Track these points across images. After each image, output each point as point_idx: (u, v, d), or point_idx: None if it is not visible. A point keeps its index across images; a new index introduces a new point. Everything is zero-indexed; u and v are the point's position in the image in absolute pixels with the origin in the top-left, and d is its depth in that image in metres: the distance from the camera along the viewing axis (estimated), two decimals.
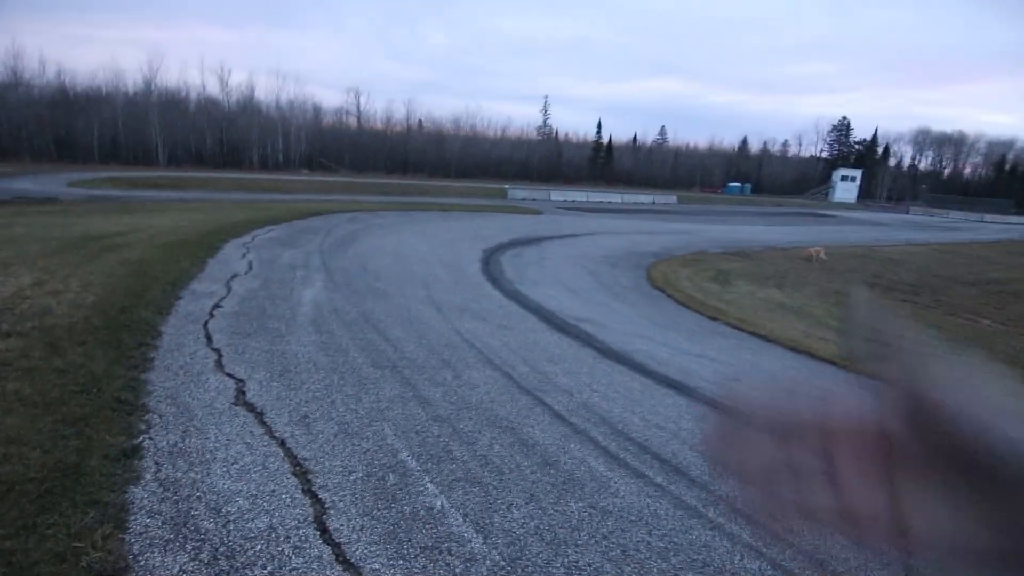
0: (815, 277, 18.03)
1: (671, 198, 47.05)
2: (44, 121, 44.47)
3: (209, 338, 4.75)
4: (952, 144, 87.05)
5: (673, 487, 3.33)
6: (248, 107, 49.95)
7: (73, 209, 18.72)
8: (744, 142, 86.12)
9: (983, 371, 0.30)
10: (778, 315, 12.38)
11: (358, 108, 62.47)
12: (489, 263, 13.13)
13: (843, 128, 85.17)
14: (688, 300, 12.65)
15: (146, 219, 12.94)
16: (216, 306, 5.81)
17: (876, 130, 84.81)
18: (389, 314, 6.62)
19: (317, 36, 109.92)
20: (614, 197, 43.75)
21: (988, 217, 53.79)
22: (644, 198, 45.28)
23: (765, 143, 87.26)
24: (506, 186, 42.77)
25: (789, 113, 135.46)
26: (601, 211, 34.24)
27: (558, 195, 40.85)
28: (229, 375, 4.00)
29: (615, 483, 3.27)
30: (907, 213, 55.04)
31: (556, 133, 78.07)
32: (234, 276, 7.33)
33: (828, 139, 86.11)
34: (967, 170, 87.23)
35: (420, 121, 67.15)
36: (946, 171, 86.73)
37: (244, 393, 3.71)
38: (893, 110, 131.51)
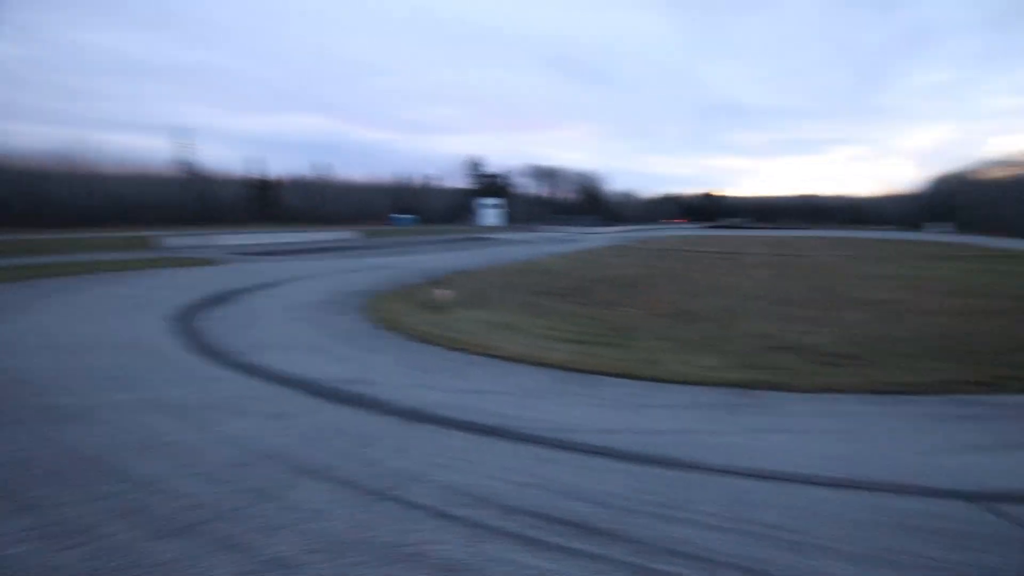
0: (506, 295, 20.43)
1: (351, 233, 46.90)
2: None
3: None
4: (553, 176, 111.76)
5: (616, 552, 3.23)
6: None
7: None
8: (404, 177, 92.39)
9: None
10: (500, 334, 13.51)
11: None
12: (189, 334, 10.54)
13: (476, 164, 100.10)
14: (422, 335, 12.72)
15: None
16: None
17: (502, 165, 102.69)
18: (109, 443, 4.62)
19: None
20: (292, 237, 41.09)
21: (588, 229, 71.01)
22: (324, 235, 43.90)
23: (422, 177, 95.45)
24: (159, 233, 35.42)
25: (434, 151, 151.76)
26: (283, 253, 31.62)
27: (227, 239, 36.01)
28: None
29: (570, 572, 2.97)
30: (539, 231, 68.00)
31: (204, 171, 68.73)
32: None
33: (467, 174, 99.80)
34: (565, 195, 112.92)
35: None
36: (552, 196, 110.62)
37: None
38: (510, 148, 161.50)
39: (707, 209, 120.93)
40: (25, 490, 3.64)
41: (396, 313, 15.46)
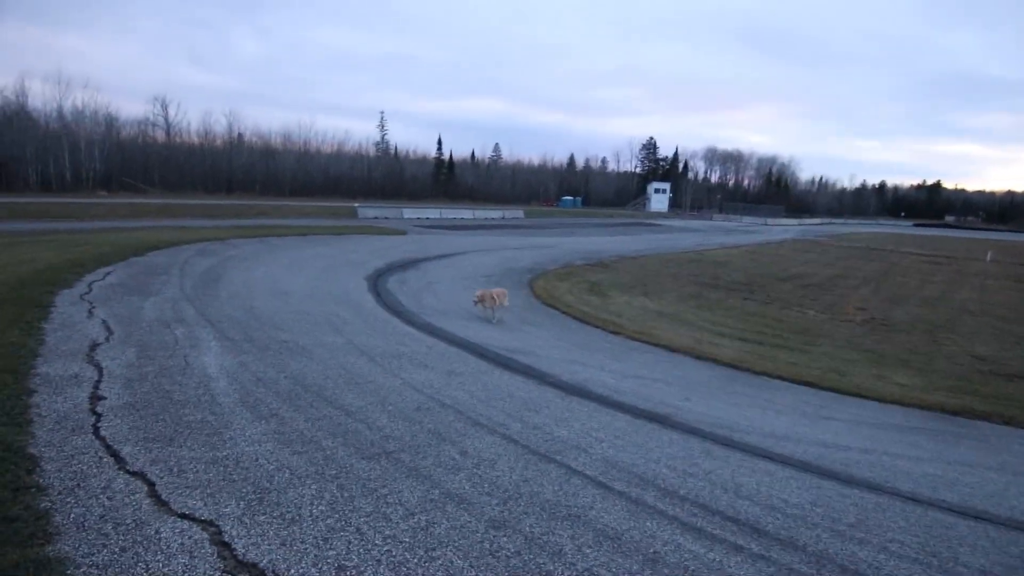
0: (670, 284, 19.71)
1: (518, 212, 48.67)
2: None
3: (116, 455, 3.32)
4: (733, 160, 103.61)
5: (788, 559, 3.05)
6: (19, 116, 40.02)
7: None
8: (571, 159, 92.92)
9: None
10: (663, 323, 13.15)
11: (166, 119, 54.23)
12: (380, 293, 12.00)
13: (651, 147, 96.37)
14: (582, 315, 12.91)
15: None
16: (95, 397, 4.20)
17: (677, 148, 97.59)
18: (324, 375, 5.49)
19: (102, 38, 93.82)
20: (465, 213, 43.91)
21: (770, 220, 64.78)
22: (493, 213, 46.18)
23: (588, 160, 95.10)
24: (355, 204, 40.48)
25: (605, 132, 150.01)
26: (457, 228, 34.02)
27: (410, 212, 39.76)
28: (186, 517, 2.74)
29: (731, 567, 2.87)
30: (711, 219, 63.90)
31: (395, 149, 76.50)
32: (95, 346, 5.49)
33: (639, 156, 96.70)
34: (745, 182, 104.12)
35: (240, 135, 60.54)
36: (730, 183, 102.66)
37: (230, 547, 2.54)
38: (687, 130, 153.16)
39: (925, 204, 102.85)
40: (266, 404, 4.52)
41: (558, 291, 15.84)
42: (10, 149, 38.12)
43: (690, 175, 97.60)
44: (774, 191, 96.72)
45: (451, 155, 78.17)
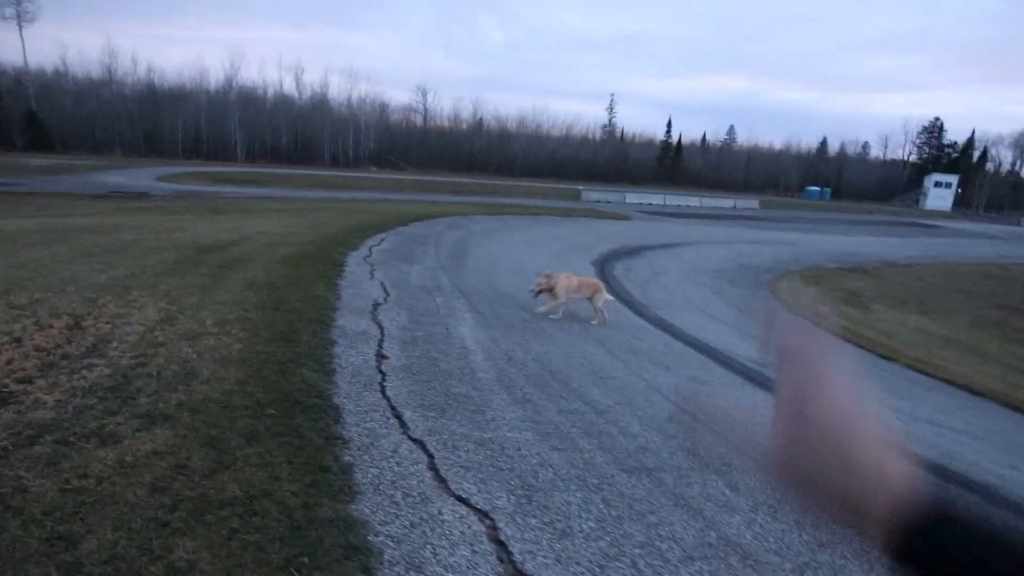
0: (959, 303, 15.75)
1: (752, 202, 44.29)
2: (135, 117, 46.58)
3: (399, 418, 3.58)
4: None
5: None
6: (321, 105, 50.23)
7: (169, 207, 18.62)
8: (823, 143, 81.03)
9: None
10: (953, 353, 10.51)
11: (424, 106, 62.20)
12: (608, 280, 11.75)
13: (934, 129, 78.65)
14: (841, 331, 10.59)
15: (248, 222, 12.23)
16: (380, 355, 4.68)
17: (973, 132, 77.91)
18: (567, 363, 5.39)
19: (380, 35, 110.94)
20: (691, 200, 41.46)
21: None
22: (724, 202, 42.76)
23: (844, 144, 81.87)
24: (579, 187, 41.23)
25: (869, 113, 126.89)
26: (682, 216, 32.20)
27: (633, 197, 38.99)
28: (462, 501, 2.75)
29: None
30: (1018, 225, 49.81)
31: (621, 132, 75.70)
32: (376, 305, 6.25)
33: (917, 141, 79.79)
34: None
35: (481, 119, 66.10)
36: None
37: (507, 548, 2.46)
38: (988, 110, 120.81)
39: None
40: (519, 386, 4.53)
41: (806, 298, 13.76)
42: (313, 132, 47.85)
43: (989, 166, 77.52)
44: None
45: (679, 138, 74.51)
